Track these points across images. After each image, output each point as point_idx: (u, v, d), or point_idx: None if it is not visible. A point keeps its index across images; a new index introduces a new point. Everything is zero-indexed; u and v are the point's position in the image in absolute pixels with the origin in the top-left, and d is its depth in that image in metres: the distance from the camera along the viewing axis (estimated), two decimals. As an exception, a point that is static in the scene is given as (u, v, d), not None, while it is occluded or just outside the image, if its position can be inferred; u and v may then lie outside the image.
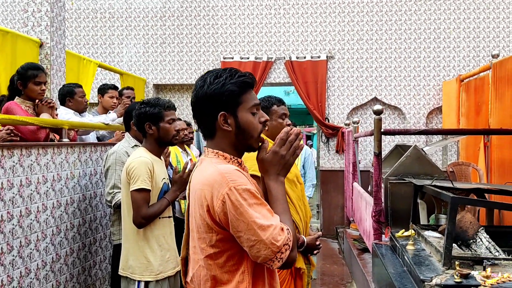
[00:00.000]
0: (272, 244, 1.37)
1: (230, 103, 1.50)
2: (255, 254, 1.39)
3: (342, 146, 7.99)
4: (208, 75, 1.54)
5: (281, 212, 1.48)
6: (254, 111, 1.54)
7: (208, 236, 1.45)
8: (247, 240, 1.38)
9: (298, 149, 1.55)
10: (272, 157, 1.53)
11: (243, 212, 1.37)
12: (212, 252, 1.46)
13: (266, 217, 1.40)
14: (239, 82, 1.51)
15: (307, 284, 2.72)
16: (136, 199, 2.57)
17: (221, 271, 1.46)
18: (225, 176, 1.41)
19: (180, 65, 8.32)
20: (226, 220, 1.40)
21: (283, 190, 1.52)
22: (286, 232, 1.40)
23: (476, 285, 2.50)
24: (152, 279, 2.61)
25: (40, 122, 3.08)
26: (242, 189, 1.39)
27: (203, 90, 1.51)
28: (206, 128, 1.56)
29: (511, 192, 3.42)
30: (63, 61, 5.20)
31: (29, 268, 2.75)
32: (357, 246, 5.59)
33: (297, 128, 1.58)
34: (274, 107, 2.71)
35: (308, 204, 2.87)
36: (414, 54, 7.94)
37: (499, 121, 5.40)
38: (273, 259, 1.38)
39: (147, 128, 2.69)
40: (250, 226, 1.37)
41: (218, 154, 1.53)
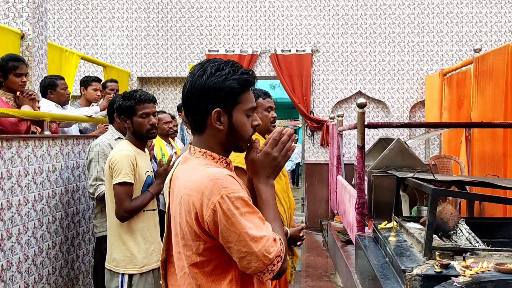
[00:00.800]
0: (264, 257, 1.30)
1: (228, 101, 1.40)
2: (245, 266, 1.31)
3: (327, 139, 8.03)
4: (209, 64, 1.42)
5: (272, 219, 1.40)
6: (250, 113, 1.46)
7: (194, 244, 1.36)
8: (238, 252, 1.30)
9: (290, 151, 1.47)
10: (264, 159, 1.44)
11: (235, 222, 1.29)
12: (198, 260, 1.37)
13: (258, 227, 1.32)
14: (242, 80, 1.41)
15: (291, 274, 2.74)
16: (118, 192, 2.55)
17: (207, 279, 1.37)
18: (217, 183, 1.31)
19: (164, 58, 8.26)
20: (216, 229, 1.31)
21: (274, 194, 1.46)
22: (278, 243, 1.33)
23: (455, 275, 2.54)
24: (136, 272, 2.60)
25: (21, 114, 3.04)
26: (234, 197, 1.30)
27: (201, 80, 1.39)
28: (196, 122, 1.44)
29: (491, 184, 3.48)
30: (45, 53, 5.12)
31: (10, 262, 2.72)
32: (341, 238, 5.65)
33: (290, 128, 1.52)
34: (260, 100, 2.72)
35: (292, 196, 2.89)
36: (398, 48, 8.00)
37: (480, 114, 5.49)
38: (264, 271, 1.31)
39: (123, 122, 2.67)
40: (241, 237, 1.29)
41: (206, 154, 1.43)
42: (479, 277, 2.50)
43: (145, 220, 2.66)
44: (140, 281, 2.62)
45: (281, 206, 2.68)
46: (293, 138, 1.48)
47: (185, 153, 1.50)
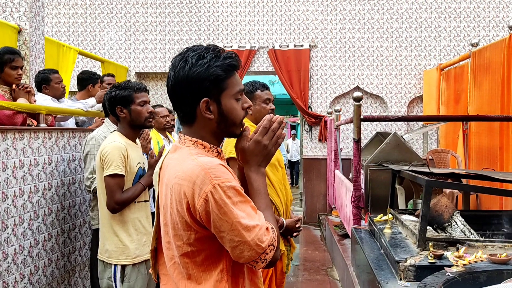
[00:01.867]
0: (257, 246, 1.28)
1: (215, 89, 1.36)
2: (238, 255, 1.30)
3: (325, 134, 8.04)
4: (189, 54, 1.37)
5: (264, 208, 1.39)
6: (239, 97, 1.42)
7: (185, 234, 1.34)
8: (230, 241, 1.29)
9: (281, 139, 1.45)
10: (254, 147, 1.42)
11: (227, 211, 1.27)
12: (189, 250, 1.35)
13: (251, 216, 1.31)
14: (226, 65, 1.37)
15: (287, 265, 2.76)
16: (109, 184, 2.56)
17: (198, 269, 1.36)
18: (209, 172, 1.29)
19: (162, 53, 8.26)
20: (208, 219, 1.29)
21: (265, 182, 1.44)
22: (271, 232, 1.32)
23: (449, 265, 2.55)
24: (128, 263, 2.61)
25: (17, 107, 3.05)
26: (226, 187, 1.29)
27: (184, 72, 1.35)
28: (184, 115, 1.41)
29: (485, 177, 3.49)
30: (42, 47, 5.12)
31: (6, 253, 2.73)
32: (338, 232, 5.67)
33: (280, 116, 1.49)
34: (258, 92, 2.73)
35: (289, 187, 2.91)
36: (396, 43, 8.00)
37: (477, 108, 5.49)
38: (256, 260, 1.30)
39: (119, 112, 2.67)
40: (234, 226, 1.27)
41: (197, 143, 1.40)
42: (472, 267, 2.51)
43: (136, 212, 2.67)
44: (133, 272, 2.62)
45: (278, 197, 2.70)
46: (283, 125, 1.46)
47: (175, 142, 1.48)
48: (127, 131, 2.72)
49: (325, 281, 5.08)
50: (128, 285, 2.62)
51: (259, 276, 1.50)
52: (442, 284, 2.30)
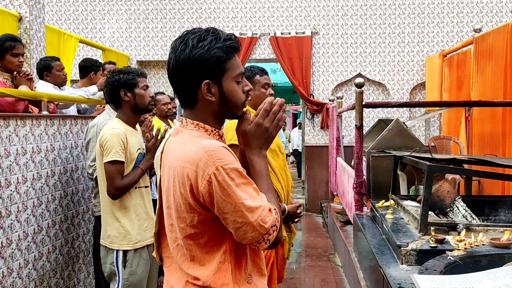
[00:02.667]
0: (260, 226, 1.30)
1: (216, 71, 1.37)
2: (241, 236, 1.31)
3: (327, 122, 8.03)
4: (190, 36, 1.37)
5: (266, 190, 1.40)
6: (239, 79, 1.42)
7: (189, 216, 1.35)
8: (234, 222, 1.30)
9: (281, 121, 1.46)
10: (255, 130, 1.42)
11: (230, 193, 1.28)
12: (192, 232, 1.36)
13: (254, 197, 1.32)
14: (226, 47, 1.37)
15: (288, 251, 2.78)
16: (109, 170, 2.57)
17: (202, 251, 1.38)
18: (212, 155, 1.29)
19: (163, 41, 8.23)
20: (212, 201, 1.30)
21: (266, 165, 1.45)
22: (274, 213, 1.34)
23: (450, 249, 2.56)
24: (130, 248, 2.63)
25: (19, 94, 3.05)
26: (230, 169, 1.29)
27: (185, 54, 1.35)
28: (186, 98, 1.41)
29: (486, 162, 3.49)
30: (43, 35, 5.10)
31: (10, 239, 2.75)
32: (340, 219, 5.68)
33: (281, 98, 1.49)
34: (257, 76, 2.72)
35: (289, 173, 2.91)
36: (398, 29, 7.95)
37: (480, 94, 5.47)
38: (259, 241, 1.32)
39: (123, 95, 2.67)
40: (237, 208, 1.29)
41: (198, 126, 1.40)
42: (473, 251, 2.52)
43: (137, 197, 2.68)
44: (134, 257, 2.65)
45: (279, 183, 2.70)
46: (284, 108, 1.47)
47: (176, 126, 1.48)
48: (129, 116, 2.72)
49: (327, 267, 5.12)
50: (130, 270, 2.65)
51: (262, 257, 1.51)
52: (444, 268, 2.31)
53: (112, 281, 2.70)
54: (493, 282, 1.97)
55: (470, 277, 2.05)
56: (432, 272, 2.24)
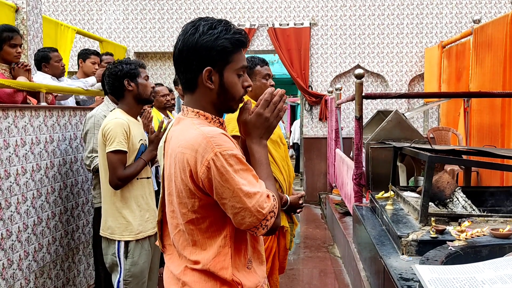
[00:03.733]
0: (258, 212, 1.32)
1: (220, 60, 1.40)
2: (239, 221, 1.34)
3: (325, 114, 8.02)
4: (201, 23, 1.40)
5: (265, 177, 1.43)
6: (241, 73, 1.45)
7: (190, 202, 1.38)
8: (232, 207, 1.33)
9: (282, 111, 1.49)
10: (256, 120, 1.46)
11: (228, 178, 1.31)
12: (194, 217, 1.39)
13: (252, 183, 1.34)
14: (234, 40, 1.40)
15: (290, 241, 2.78)
16: (112, 160, 2.56)
17: (203, 236, 1.40)
18: (210, 140, 1.32)
19: (161, 32, 8.18)
20: (210, 186, 1.33)
21: (266, 154, 1.47)
22: (272, 199, 1.36)
23: (451, 239, 2.57)
24: (132, 239, 2.63)
25: (17, 85, 3.03)
26: (228, 155, 1.32)
27: (193, 39, 1.38)
28: (187, 81, 1.44)
29: (487, 153, 3.49)
30: (40, 26, 5.06)
31: (10, 231, 2.74)
32: (338, 210, 5.69)
33: (281, 89, 1.52)
34: (258, 67, 2.71)
35: (291, 164, 2.90)
36: (397, 20, 7.92)
37: (479, 86, 5.47)
38: (257, 227, 1.34)
39: (127, 85, 2.66)
40: (235, 193, 1.31)
41: (199, 114, 1.43)
42: (474, 242, 2.52)
43: (139, 188, 2.67)
44: (136, 248, 2.64)
45: (281, 174, 2.70)
46: (284, 98, 1.49)
47: (178, 115, 1.50)
48: (131, 106, 2.72)
49: (326, 258, 5.13)
50: (132, 260, 2.64)
51: (262, 244, 1.54)
52: (445, 258, 2.31)
53: (113, 272, 2.70)
54: (494, 272, 1.97)
55: (471, 267, 2.05)
56: (433, 263, 2.24)
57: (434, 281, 1.94)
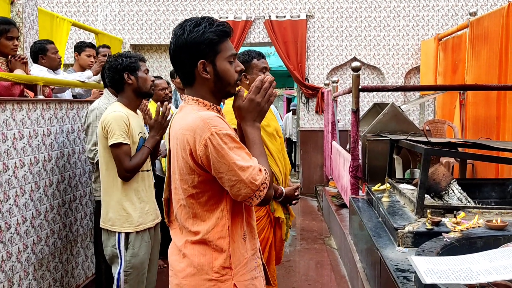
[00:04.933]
0: (251, 183, 1.47)
1: (209, 52, 1.55)
2: (236, 193, 1.49)
3: (322, 106, 8.04)
4: (187, 23, 1.56)
5: (258, 155, 1.57)
6: (231, 60, 1.60)
7: (190, 178, 1.54)
8: (228, 181, 1.48)
9: (272, 96, 1.63)
10: (249, 105, 1.60)
11: (224, 155, 1.46)
12: (194, 192, 1.55)
13: (245, 159, 1.49)
14: (218, 31, 1.55)
15: (286, 232, 2.80)
16: (117, 154, 2.57)
17: (203, 209, 1.56)
18: (207, 122, 1.48)
19: (157, 25, 8.14)
20: (208, 162, 1.48)
21: (259, 135, 1.62)
22: (263, 172, 1.51)
23: (446, 231, 2.60)
24: (132, 230, 2.64)
25: (15, 78, 3.02)
26: (223, 134, 1.47)
27: (182, 38, 1.54)
28: (185, 76, 1.60)
29: (482, 145, 3.52)
30: (36, 18, 5.03)
31: (9, 223, 2.75)
32: (335, 202, 5.73)
33: (270, 76, 1.66)
34: (254, 60, 2.72)
35: (287, 157, 2.92)
36: (393, 13, 7.92)
37: (475, 78, 5.49)
38: (252, 197, 1.50)
39: (126, 78, 2.67)
40: (231, 167, 1.46)
41: (198, 101, 1.58)
42: (469, 233, 2.56)
43: (139, 181, 2.69)
44: (136, 239, 2.66)
45: (277, 166, 2.72)
46: (274, 84, 1.63)
47: (180, 104, 1.66)
48: (130, 99, 2.73)
49: (322, 249, 5.17)
50: (132, 252, 2.66)
51: (254, 218, 1.72)
52: (440, 249, 2.35)
53: (114, 264, 2.71)
54: (489, 263, 2.00)
55: (467, 258, 2.08)
56: (429, 254, 2.27)
57: (430, 272, 1.97)
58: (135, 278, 2.70)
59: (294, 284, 4.19)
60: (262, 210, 2.65)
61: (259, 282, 1.68)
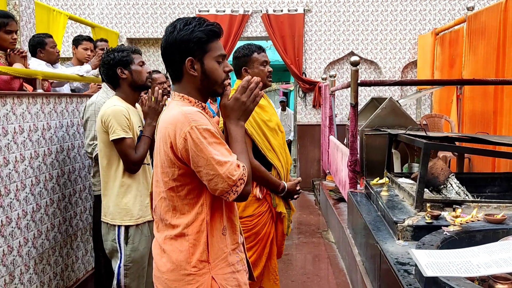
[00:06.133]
0: (228, 178, 1.51)
1: (198, 50, 1.61)
2: (213, 187, 1.53)
3: (319, 100, 8.05)
4: (178, 22, 1.62)
5: (239, 152, 1.62)
6: (220, 60, 1.65)
7: (170, 171, 1.58)
8: (206, 174, 1.52)
9: (258, 97, 1.67)
10: (234, 103, 1.65)
11: (202, 149, 1.50)
12: (174, 185, 1.60)
13: (224, 154, 1.53)
14: (207, 31, 1.61)
15: (287, 227, 2.82)
16: (121, 148, 2.57)
17: (182, 203, 1.61)
18: (188, 116, 1.53)
19: (154, 18, 8.11)
20: (187, 156, 1.53)
21: (243, 133, 1.66)
22: (241, 169, 1.55)
23: (445, 225, 2.62)
24: (132, 223, 2.65)
25: (14, 72, 3.01)
26: (202, 129, 1.52)
27: (173, 36, 1.60)
28: (174, 72, 1.66)
29: (480, 140, 3.55)
30: (33, 12, 5.00)
31: (10, 217, 2.75)
32: (332, 196, 5.75)
33: (257, 77, 1.69)
34: (255, 54, 2.72)
35: (288, 151, 2.94)
36: (390, 7, 7.92)
37: (472, 73, 5.51)
38: (229, 192, 1.53)
39: (120, 73, 2.66)
40: (209, 161, 1.50)
41: (183, 97, 1.64)
42: (468, 227, 2.58)
43: (139, 174, 2.68)
44: (136, 233, 2.67)
45: (278, 161, 2.73)
46: (260, 85, 1.68)
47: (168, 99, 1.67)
48: (128, 93, 2.72)
49: (320, 243, 5.20)
50: (132, 246, 2.67)
51: (236, 214, 1.76)
52: (440, 243, 2.37)
53: (113, 258, 2.72)
54: (489, 256, 2.02)
55: (467, 252, 2.10)
56: (429, 247, 2.29)
57: (431, 265, 1.99)
58: (135, 272, 2.71)
59: (292, 277, 4.22)
60: (264, 205, 2.67)
61: (241, 275, 1.73)
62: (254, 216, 2.66)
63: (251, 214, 2.65)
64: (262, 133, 2.64)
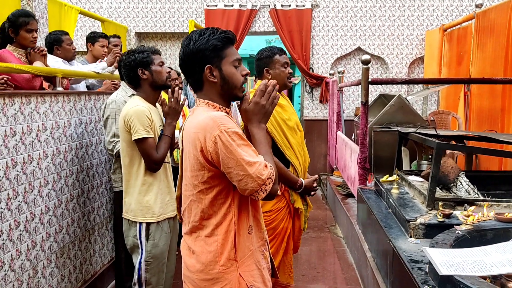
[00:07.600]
0: (258, 178, 1.58)
1: (215, 57, 1.68)
2: (243, 187, 1.60)
3: (326, 96, 8.10)
4: (193, 33, 1.71)
5: (264, 153, 1.69)
6: (236, 64, 1.73)
7: (200, 174, 1.66)
8: (236, 175, 1.59)
9: (276, 99, 1.75)
10: (254, 107, 1.73)
11: (232, 151, 1.57)
12: (203, 187, 1.67)
13: (252, 155, 1.61)
14: (222, 38, 1.69)
15: (304, 223, 2.93)
16: (143, 148, 2.65)
17: (211, 204, 1.68)
18: (216, 121, 1.60)
19: (162, 12, 8.14)
20: (218, 158, 1.60)
21: (265, 135, 1.75)
22: (269, 168, 1.62)
23: (458, 223, 2.70)
24: (153, 221, 2.74)
25: (35, 70, 3.07)
26: (231, 132, 1.59)
27: (189, 47, 1.69)
28: (195, 81, 1.74)
29: (490, 139, 3.61)
30: (45, 7, 5.07)
31: (33, 213, 2.83)
32: (340, 191, 5.83)
33: (273, 80, 1.77)
34: (277, 56, 2.82)
35: (306, 150, 3.03)
36: (398, 2, 7.94)
37: (480, 70, 5.56)
38: (258, 191, 1.60)
39: (141, 74, 2.74)
40: (239, 162, 1.58)
41: (208, 104, 1.72)
42: (480, 226, 2.65)
43: (160, 172, 2.77)
44: (157, 230, 2.75)
45: (296, 159, 2.83)
46: (277, 88, 1.77)
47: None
48: (148, 93, 2.79)
49: (328, 238, 5.29)
50: (153, 242, 2.76)
51: (261, 213, 1.85)
52: (453, 241, 2.44)
53: (134, 253, 2.81)
54: (501, 256, 2.09)
55: (479, 251, 2.17)
56: (443, 246, 2.37)
57: (446, 264, 2.06)
58: (155, 267, 2.80)
59: (302, 272, 4.31)
60: (282, 201, 2.77)
61: (266, 272, 1.81)
62: (272, 212, 2.76)
63: (269, 210, 2.74)
64: (281, 132, 2.74)
